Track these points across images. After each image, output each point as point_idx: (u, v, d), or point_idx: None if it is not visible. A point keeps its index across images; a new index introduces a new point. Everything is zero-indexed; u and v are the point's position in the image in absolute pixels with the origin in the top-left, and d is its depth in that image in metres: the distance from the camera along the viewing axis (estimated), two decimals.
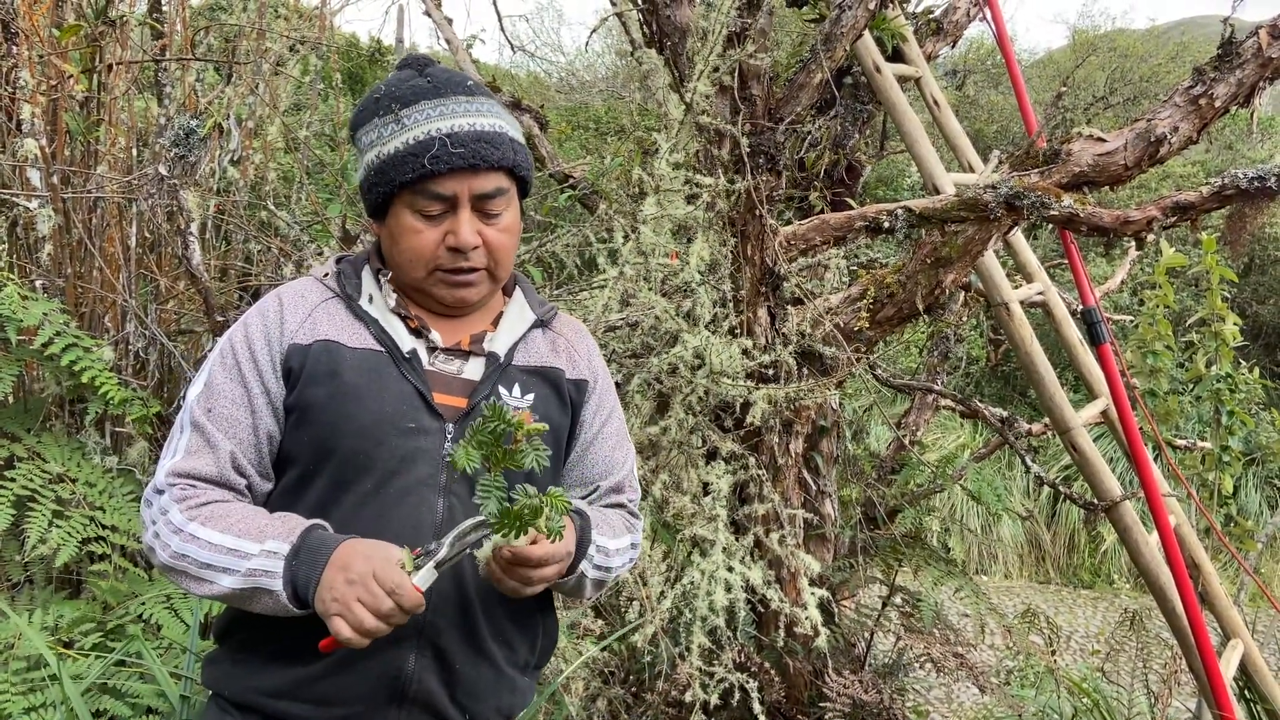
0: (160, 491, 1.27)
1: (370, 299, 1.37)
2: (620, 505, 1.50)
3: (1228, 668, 3.12)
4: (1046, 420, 3.28)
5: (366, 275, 1.40)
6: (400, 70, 1.38)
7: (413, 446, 1.29)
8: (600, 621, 2.80)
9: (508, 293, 1.47)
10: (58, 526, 2.54)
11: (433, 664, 1.30)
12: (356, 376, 1.29)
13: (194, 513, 1.23)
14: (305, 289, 1.38)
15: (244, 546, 1.20)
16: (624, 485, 1.51)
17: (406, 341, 1.34)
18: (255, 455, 1.30)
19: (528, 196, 1.43)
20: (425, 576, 1.15)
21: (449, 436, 1.31)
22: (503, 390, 1.35)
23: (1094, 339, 3.23)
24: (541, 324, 1.45)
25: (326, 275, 1.40)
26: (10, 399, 2.86)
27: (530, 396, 1.37)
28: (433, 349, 1.36)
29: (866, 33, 3.05)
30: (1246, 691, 3.31)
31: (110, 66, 3.25)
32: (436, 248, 1.31)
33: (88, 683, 2.20)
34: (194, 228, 2.93)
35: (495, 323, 1.42)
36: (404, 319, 1.36)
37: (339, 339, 1.32)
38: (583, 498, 1.47)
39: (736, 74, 2.74)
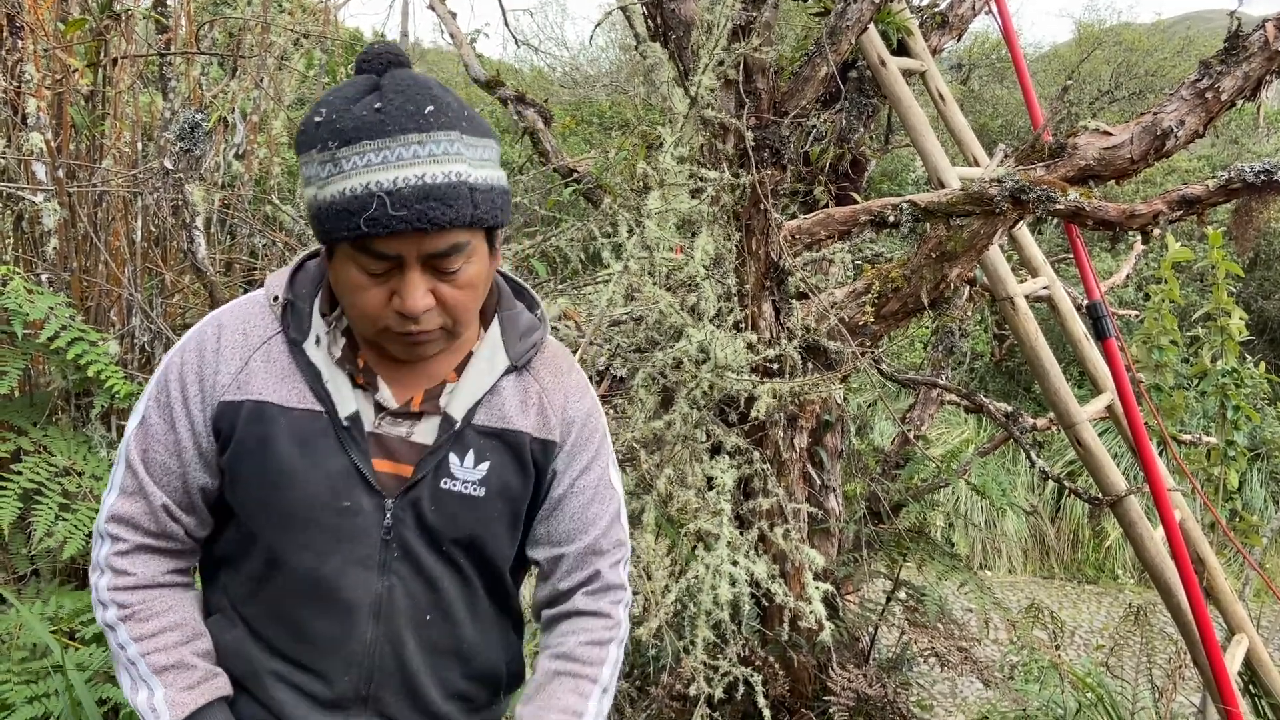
0: (102, 537, 1.25)
1: (318, 340, 1.22)
2: (596, 576, 1.32)
3: (1232, 662, 3.12)
4: (1051, 415, 3.27)
5: (316, 312, 1.24)
6: (357, 74, 1.14)
7: (348, 526, 1.20)
8: None
9: (485, 323, 1.30)
10: (64, 519, 2.55)
11: None
12: (288, 449, 1.19)
13: (118, 595, 1.23)
14: (249, 322, 1.24)
15: (139, 676, 1.21)
16: (601, 546, 1.32)
17: (348, 404, 1.20)
18: (188, 501, 1.25)
19: (502, 228, 1.22)
20: None
21: (389, 511, 1.21)
22: (454, 458, 1.23)
23: (1099, 333, 3.22)
24: (516, 369, 1.28)
25: (276, 300, 1.24)
26: (16, 392, 2.87)
27: (484, 466, 1.24)
28: (381, 409, 1.23)
29: (872, 26, 3.05)
30: (1251, 686, 3.31)
31: (115, 60, 3.25)
32: (383, 308, 1.13)
33: (91, 671, 2.21)
34: (199, 222, 2.93)
35: (464, 364, 1.26)
36: (350, 374, 1.22)
37: (273, 399, 1.20)
38: (550, 556, 1.32)
39: (741, 68, 2.74)
